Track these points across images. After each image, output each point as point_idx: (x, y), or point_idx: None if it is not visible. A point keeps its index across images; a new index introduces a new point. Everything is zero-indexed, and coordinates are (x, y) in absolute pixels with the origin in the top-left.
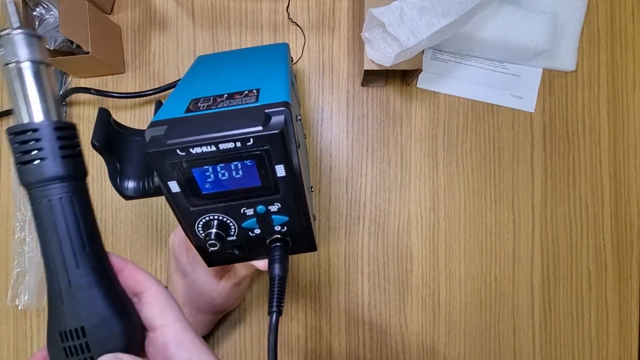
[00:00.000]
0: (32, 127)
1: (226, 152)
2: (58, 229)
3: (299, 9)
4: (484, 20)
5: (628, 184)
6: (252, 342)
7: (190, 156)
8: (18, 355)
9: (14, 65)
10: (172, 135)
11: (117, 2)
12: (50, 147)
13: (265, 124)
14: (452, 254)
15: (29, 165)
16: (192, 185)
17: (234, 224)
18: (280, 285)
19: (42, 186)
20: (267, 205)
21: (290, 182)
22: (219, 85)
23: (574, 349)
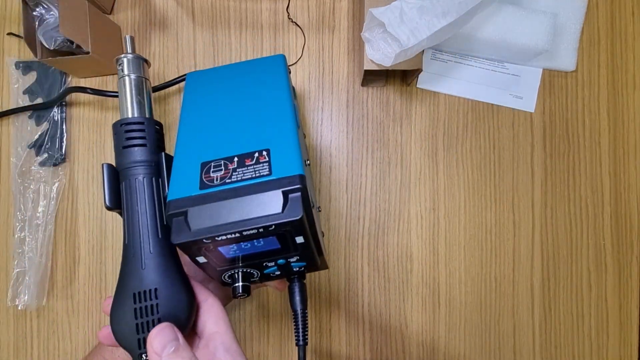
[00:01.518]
0: (139, 121)
1: (250, 237)
2: (147, 201)
3: (299, 9)
4: (484, 20)
5: (628, 184)
6: (252, 342)
7: (216, 243)
8: (18, 355)
9: (127, 77)
10: (195, 222)
11: (117, 2)
12: (150, 137)
13: (284, 206)
14: (452, 254)
15: (132, 148)
16: (217, 256)
17: (256, 272)
18: (304, 319)
19: (139, 166)
20: (286, 259)
21: (308, 244)
22: (225, 138)
23: (574, 349)
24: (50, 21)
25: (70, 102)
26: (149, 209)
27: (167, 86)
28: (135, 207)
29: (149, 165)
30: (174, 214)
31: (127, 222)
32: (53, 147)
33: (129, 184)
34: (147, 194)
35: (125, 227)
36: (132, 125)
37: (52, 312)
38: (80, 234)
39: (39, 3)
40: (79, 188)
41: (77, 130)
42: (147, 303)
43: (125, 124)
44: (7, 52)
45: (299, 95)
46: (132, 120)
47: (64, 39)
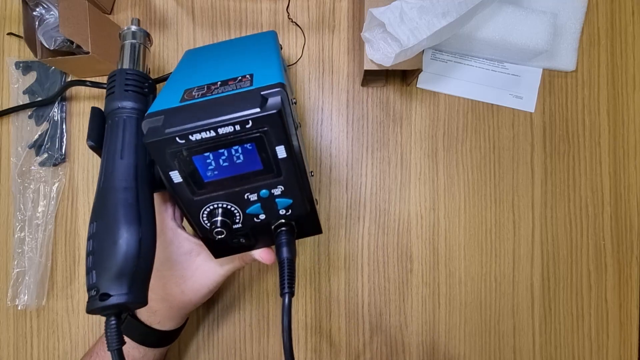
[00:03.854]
0: (133, 72)
1: (226, 137)
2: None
3: (299, 9)
4: (484, 20)
5: (628, 184)
6: (252, 342)
7: (190, 143)
8: (18, 355)
9: (129, 42)
10: (171, 124)
11: (117, 2)
12: (140, 87)
13: (262, 106)
14: (452, 254)
15: (121, 93)
16: (193, 174)
17: (238, 210)
18: (290, 267)
19: (125, 109)
20: (270, 189)
21: (291, 163)
22: (212, 75)
23: (574, 349)
24: (51, 21)
25: (70, 101)
26: (126, 145)
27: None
28: (113, 142)
29: (136, 110)
30: (149, 120)
31: (103, 160)
32: (53, 147)
33: (112, 123)
34: (128, 132)
35: (101, 165)
36: (127, 73)
37: (52, 312)
38: (80, 234)
39: (39, 3)
40: (79, 188)
41: (77, 130)
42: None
43: (117, 73)
44: (7, 52)
45: (295, 89)
46: (127, 70)
47: (64, 39)
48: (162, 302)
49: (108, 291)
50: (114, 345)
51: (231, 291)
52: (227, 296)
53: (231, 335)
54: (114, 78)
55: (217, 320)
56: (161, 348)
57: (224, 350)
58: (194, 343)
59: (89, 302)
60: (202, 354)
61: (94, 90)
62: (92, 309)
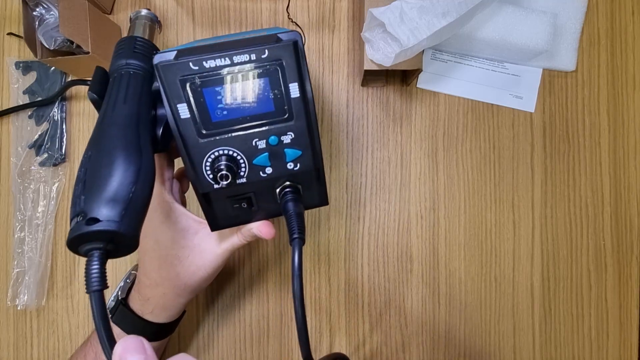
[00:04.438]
0: (142, 39)
1: (241, 66)
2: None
3: (299, 8)
4: (484, 20)
5: (628, 184)
6: (252, 342)
7: (203, 70)
8: (18, 354)
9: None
10: (184, 54)
11: (117, 2)
12: (128, 47)
13: (277, 41)
14: (452, 254)
15: (130, 53)
16: (202, 110)
17: (244, 160)
18: (299, 217)
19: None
20: (279, 136)
21: (303, 106)
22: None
23: (574, 349)
24: (51, 21)
25: (70, 101)
26: (130, 93)
27: None
28: (114, 91)
29: (144, 69)
30: (161, 54)
31: (103, 108)
32: (53, 147)
33: (118, 76)
34: (132, 85)
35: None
36: (136, 39)
37: (52, 312)
38: None
39: (39, 3)
40: None
41: (77, 130)
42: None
43: (127, 39)
44: (7, 52)
45: None
46: (137, 37)
47: (64, 39)
48: (156, 287)
49: (97, 215)
50: (95, 285)
51: (231, 291)
52: (227, 296)
53: (231, 335)
54: (123, 43)
55: (217, 320)
56: (155, 343)
57: (224, 351)
58: (194, 343)
59: (71, 230)
60: (202, 354)
61: None
62: (75, 235)
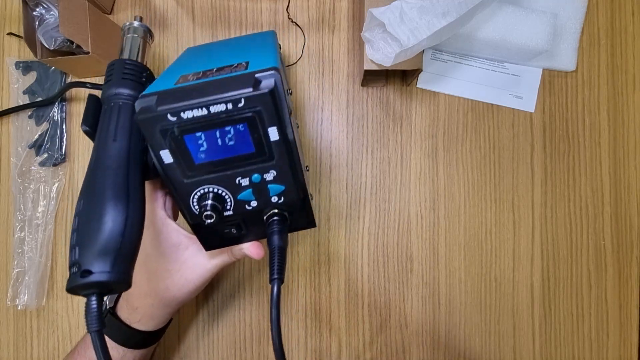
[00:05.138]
0: (132, 62)
1: (218, 116)
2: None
3: (299, 9)
4: (484, 20)
5: (628, 184)
6: (252, 342)
7: (181, 121)
8: (18, 354)
9: (130, 35)
10: (163, 103)
11: (117, 2)
12: (138, 77)
13: (255, 86)
14: (452, 254)
15: (119, 81)
16: (185, 155)
17: (229, 196)
18: (281, 254)
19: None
20: (262, 174)
21: (284, 147)
22: (209, 63)
23: (574, 349)
24: (50, 21)
25: (70, 101)
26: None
27: None
28: (106, 126)
29: (133, 97)
30: (142, 100)
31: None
32: (53, 147)
33: (107, 109)
34: (123, 118)
35: (94, 148)
36: (125, 63)
37: (52, 312)
38: None
39: (39, 3)
40: (79, 188)
41: (77, 130)
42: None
43: (116, 62)
44: (7, 52)
45: (296, 89)
46: (126, 60)
47: (64, 39)
48: (145, 298)
49: (90, 268)
50: (94, 326)
51: (231, 291)
52: (227, 296)
53: (231, 335)
54: (113, 67)
55: (217, 320)
56: (142, 350)
57: (224, 350)
58: (193, 343)
59: (69, 280)
60: (202, 354)
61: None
62: (72, 286)
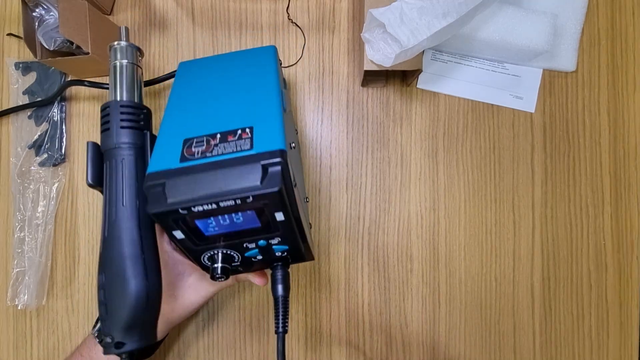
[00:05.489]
0: (127, 104)
1: (227, 208)
2: (127, 183)
3: (299, 9)
4: (484, 21)
5: (628, 184)
6: (252, 342)
7: (192, 213)
8: (18, 354)
9: (118, 62)
10: (173, 192)
11: (116, 2)
12: (136, 120)
13: (262, 179)
14: (452, 254)
15: (117, 130)
16: (195, 232)
17: (237, 255)
18: (285, 305)
19: (123, 147)
20: (267, 240)
21: (289, 223)
22: (210, 118)
23: (575, 349)
24: (50, 22)
25: (70, 102)
26: (126, 190)
27: (160, 81)
28: (113, 187)
29: (133, 146)
30: (151, 186)
31: (105, 202)
32: (53, 147)
33: (111, 164)
34: (127, 175)
35: (103, 206)
36: (121, 107)
37: (51, 312)
38: (80, 234)
39: (38, 4)
40: (78, 188)
41: (77, 130)
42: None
43: (111, 106)
44: (7, 52)
45: (296, 89)
46: (122, 103)
47: (64, 40)
48: None
49: (122, 340)
50: None
51: (231, 291)
52: (227, 296)
53: (231, 335)
54: (108, 111)
55: (217, 320)
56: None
57: (224, 350)
58: (194, 343)
59: (105, 347)
60: (202, 354)
61: (94, 90)
62: (109, 353)
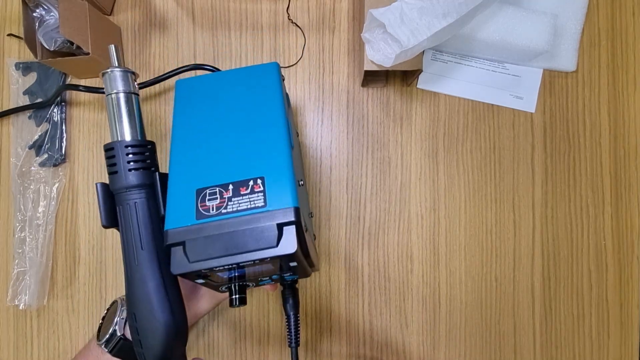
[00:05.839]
0: (132, 144)
1: (245, 265)
2: (142, 226)
3: (299, 9)
4: (484, 21)
5: (629, 184)
6: (252, 342)
7: (213, 270)
8: (18, 355)
9: (114, 95)
10: (193, 253)
11: (117, 3)
12: (143, 160)
13: (278, 239)
14: (453, 254)
15: (126, 172)
16: (216, 277)
17: (252, 284)
18: (296, 322)
19: (133, 190)
20: (280, 275)
21: (301, 264)
22: (219, 161)
23: (575, 349)
24: (51, 22)
25: (70, 102)
26: (143, 233)
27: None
28: (130, 231)
29: (143, 187)
30: (172, 244)
31: (123, 244)
32: (53, 148)
33: (124, 209)
34: (142, 219)
35: (122, 247)
36: (126, 149)
37: (52, 312)
38: (80, 234)
39: (39, 4)
40: (79, 188)
41: (77, 130)
42: (133, 324)
43: (116, 147)
44: (8, 52)
45: (296, 89)
46: (127, 144)
47: (64, 40)
48: None
49: None
50: None
51: None
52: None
53: (231, 335)
54: (113, 154)
55: (217, 320)
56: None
57: (224, 351)
58: (194, 343)
59: None
60: (202, 354)
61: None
62: None
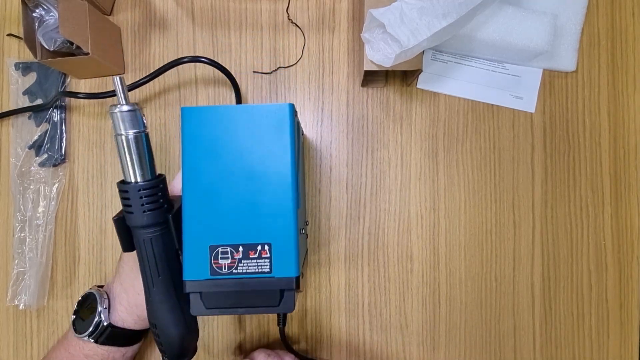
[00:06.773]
0: (145, 187)
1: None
2: (158, 262)
3: (299, 9)
4: (484, 21)
5: (628, 184)
6: (252, 342)
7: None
8: (18, 355)
9: (124, 136)
10: (209, 302)
11: (117, 3)
12: (156, 200)
13: (280, 301)
14: (453, 254)
15: (141, 213)
16: None
17: None
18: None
19: (149, 228)
20: None
21: None
22: (230, 219)
23: (575, 349)
24: (50, 22)
25: (70, 102)
26: (159, 264)
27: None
28: (146, 261)
29: (158, 225)
30: (192, 292)
31: (142, 269)
32: (53, 148)
33: (140, 243)
34: (157, 253)
35: (141, 271)
36: (139, 192)
37: (52, 312)
38: (80, 234)
39: (38, 4)
40: (78, 188)
41: (77, 130)
42: (154, 329)
43: (130, 190)
44: (7, 53)
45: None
46: (140, 187)
47: (64, 40)
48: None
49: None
50: None
51: None
52: None
53: (231, 335)
54: (128, 196)
55: (217, 320)
56: (139, 343)
57: (224, 351)
58: None
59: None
60: (202, 354)
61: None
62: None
